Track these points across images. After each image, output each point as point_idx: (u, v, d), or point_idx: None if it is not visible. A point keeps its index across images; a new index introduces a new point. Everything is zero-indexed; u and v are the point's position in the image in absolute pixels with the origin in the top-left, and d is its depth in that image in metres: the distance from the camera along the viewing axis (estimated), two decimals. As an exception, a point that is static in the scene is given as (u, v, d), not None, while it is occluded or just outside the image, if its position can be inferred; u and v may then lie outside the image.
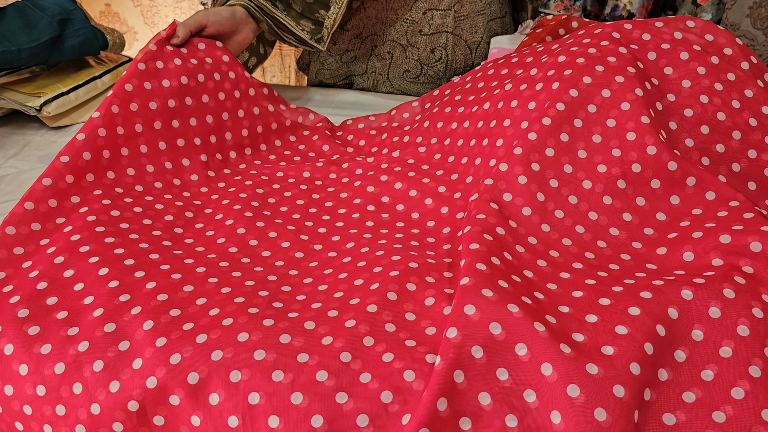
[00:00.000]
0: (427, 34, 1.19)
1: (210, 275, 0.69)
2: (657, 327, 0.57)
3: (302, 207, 0.84)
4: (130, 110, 0.86)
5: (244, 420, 0.55)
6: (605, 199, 0.73)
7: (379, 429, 0.53)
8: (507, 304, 0.57)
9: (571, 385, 0.52)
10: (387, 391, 0.55)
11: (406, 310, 0.63)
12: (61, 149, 0.79)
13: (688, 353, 0.57)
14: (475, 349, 0.55)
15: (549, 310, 0.60)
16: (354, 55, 1.21)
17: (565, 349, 0.54)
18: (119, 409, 0.58)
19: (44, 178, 0.76)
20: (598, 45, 0.83)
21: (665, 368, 0.57)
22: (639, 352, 0.55)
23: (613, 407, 0.52)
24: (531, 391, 0.54)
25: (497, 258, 0.64)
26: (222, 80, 0.97)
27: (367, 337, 0.59)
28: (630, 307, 0.58)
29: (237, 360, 0.57)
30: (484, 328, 0.56)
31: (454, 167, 0.86)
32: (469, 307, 0.57)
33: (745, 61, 0.84)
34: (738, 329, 0.57)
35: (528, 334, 0.55)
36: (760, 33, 1.90)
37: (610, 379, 0.53)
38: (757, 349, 0.57)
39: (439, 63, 1.21)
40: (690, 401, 0.55)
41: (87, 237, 0.72)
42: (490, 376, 0.55)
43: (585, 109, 0.77)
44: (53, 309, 0.64)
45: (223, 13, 1.02)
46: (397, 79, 1.23)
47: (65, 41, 1.14)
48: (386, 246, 0.72)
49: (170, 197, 0.85)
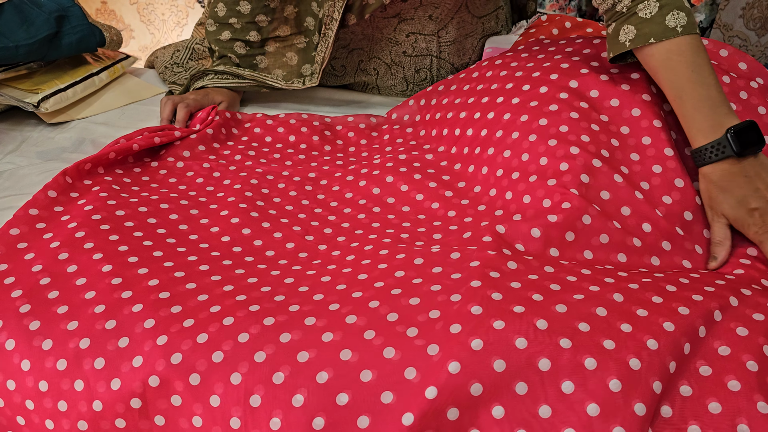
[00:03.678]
0: (411, 56, 1.17)
1: (213, 273, 0.69)
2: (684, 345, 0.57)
3: (307, 207, 0.84)
4: None
5: (246, 421, 0.55)
6: (645, 227, 0.73)
7: (379, 429, 0.53)
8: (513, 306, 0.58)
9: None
10: (387, 391, 0.55)
11: (410, 306, 0.62)
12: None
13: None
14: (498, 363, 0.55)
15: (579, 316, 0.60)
16: (342, 64, 1.21)
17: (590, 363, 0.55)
18: (120, 403, 0.59)
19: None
20: (609, 72, 0.84)
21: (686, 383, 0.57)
22: (662, 368, 0.55)
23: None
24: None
25: (514, 262, 0.65)
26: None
27: (368, 330, 0.59)
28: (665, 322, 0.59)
29: (237, 360, 0.57)
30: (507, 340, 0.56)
31: (461, 175, 0.87)
32: (476, 308, 0.58)
33: (759, 76, 0.86)
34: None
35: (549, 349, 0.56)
36: (752, 33, 1.92)
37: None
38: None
39: (425, 82, 1.21)
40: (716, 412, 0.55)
41: (90, 233, 0.72)
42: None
43: (609, 143, 0.78)
44: (54, 303, 0.65)
45: (204, 101, 1.09)
46: (386, 89, 1.23)
47: (62, 38, 1.14)
48: (391, 245, 0.72)
49: (166, 190, 0.86)
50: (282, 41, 1.13)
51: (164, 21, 2.24)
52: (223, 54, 1.13)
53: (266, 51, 1.13)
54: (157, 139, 0.95)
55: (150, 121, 1.11)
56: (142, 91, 1.23)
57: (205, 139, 1.00)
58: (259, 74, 1.13)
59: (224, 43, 1.12)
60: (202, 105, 1.08)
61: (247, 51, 1.13)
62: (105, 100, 1.18)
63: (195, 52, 1.31)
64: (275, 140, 1.03)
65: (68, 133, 1.08)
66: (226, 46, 1.12)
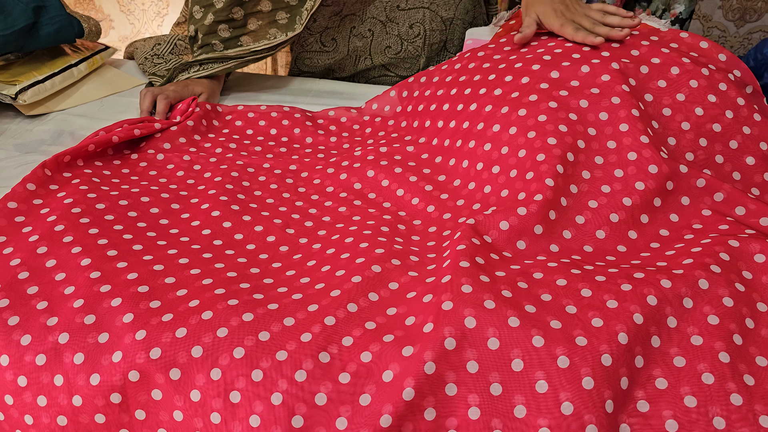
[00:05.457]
0: (405, 9, 1.24)
1: (192, 266, 0.69)
2: (634, 316, 0.59)
3: (288, 200, 0.84)
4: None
5: (225, 416, 0.56)
6: (612, 217, 0.73)
7: (358, 426, 0.54)
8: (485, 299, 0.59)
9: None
10: (366, 391, 0.56)
11: (386, 305, 0.64)
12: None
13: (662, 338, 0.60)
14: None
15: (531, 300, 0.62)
16: (333, 37, 1.23)
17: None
18: (100, 397, 0.59)
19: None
20: (590, 63, 0.85)
21: (641, 354, 0.58)
22: (611, 344, 0.57)
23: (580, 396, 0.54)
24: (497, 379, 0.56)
25: (481, 257, 0.66)
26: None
27: (346, 337, 0.60)
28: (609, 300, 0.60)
29: (217, 355, 0.58)
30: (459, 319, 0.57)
31: (442, 168, 0.87)
32: (447, 303, 0.59)
33: (737, 69, 0.87)
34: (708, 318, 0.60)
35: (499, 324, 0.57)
36: (731, 24, 1.93)
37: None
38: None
39: (417, 39, 1.26)
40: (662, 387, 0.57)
41: (69, 226, 0.72)
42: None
43: (585, 132, 0.79)
44: (33, 298, 0.64)
45: (184, 92, 1.09)
46: (379, 55, 1.27)
47: (40, 29, 1.13)
48: (371, 238, 0.72)
49: (146, 183, 0.86)
50: (264, 17, 1.13)
51: (144, 11, 2.21)
52: (206, 42, 1.13)
53: (249, 30, 1.13)
54: (137, 131, 0.95)
55: (130, 113, 1.10)
56: (122, 83, 1.22)
57: (186, 131, 0.99)
58: (245, 48, 1.13)
59: (208, 27, 1.12)
60: (182, 96, 1.08)
61: (231, 33, 1.13)
62: (84, 92, 1.17)
63: (177, 47, 1.30)
64: (256, 133, 1.02)
65: (47, 125, 1.07)
66: (210, 30, 1.12)
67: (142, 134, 0.95)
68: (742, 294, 0.63)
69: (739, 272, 0.65)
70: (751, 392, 0.56)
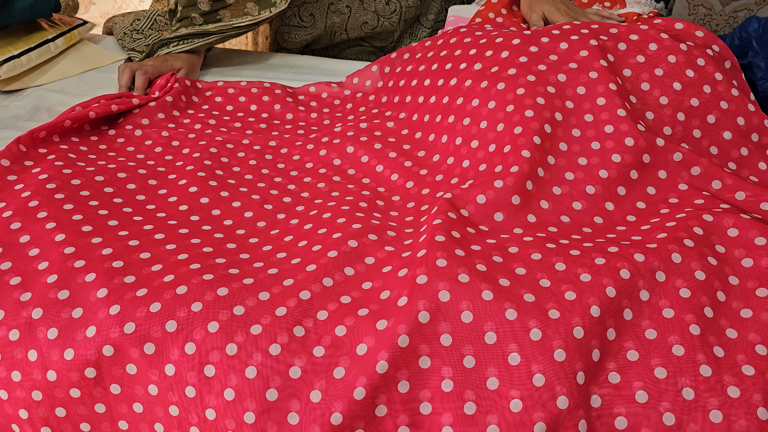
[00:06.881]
0: None
1: (168, 242, 0.69)
2: (607, 290, 0.59)
3: (267, 176, 0.84)
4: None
5: (200, 389, 0.56)
6: (588, 189, 0.74)
7: (332, 398, 0.54)
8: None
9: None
10: (340, 364, 0.56)
11: (362, 279, 0.64)
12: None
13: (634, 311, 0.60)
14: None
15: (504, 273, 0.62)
16: (311, 12, 1.24)
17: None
18: (75, 372, 0.59)
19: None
20: (569, 39, 0.85)
21: (612, 328, 0.59)
22: (583, 317, 0.57)
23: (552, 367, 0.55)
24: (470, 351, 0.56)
25: (457, 231, 0.66)
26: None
27: (321, 311, 0.60)
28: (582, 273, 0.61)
29: (191, 329, 0.58)
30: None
31: (421, 143, 0.87)
32: (421, 277, 0.59)
33: (715, 44, 0.87)
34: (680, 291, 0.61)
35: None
36: (717, 2, 1.93)
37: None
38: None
39: (393, 15, 1.28)
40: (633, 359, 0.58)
41: (44, 201, 0.71)
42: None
43: (563, 106, 0.79)
44: (6, 273, 0.64)
45: (163, 67, 1.08)
46: (355, 30, 1.29)
47: (15, 2, 1.10)
48: (348, 213, 0.72)
49: (124, 159, 0.85)
50: None
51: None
52: (185, 15, 1.11)
53: (227, 3, 1.12)
54: (115, 107, 0.94)
55: (108, 89, 1.09)
56: (100, 58, 1.20)
57: (165, 107, 0.98)
58: (226, 24, 1.12)
59: (188, 0, 1.11)
60: (161, 72, 1.06)
61: (210, 6, 1.11)
62: (61, 67, 1.16)
63: (156, 23, 1.28)
64: (236, 109, 1.02)
65: (23, 101, 1.05)
66: (189, 2, 1.11)
67: (119, 110, 0.94)
68: (714, 268, 0.63)
69: (713, 246, 0.65)
70: (720, 364, 0.56)
